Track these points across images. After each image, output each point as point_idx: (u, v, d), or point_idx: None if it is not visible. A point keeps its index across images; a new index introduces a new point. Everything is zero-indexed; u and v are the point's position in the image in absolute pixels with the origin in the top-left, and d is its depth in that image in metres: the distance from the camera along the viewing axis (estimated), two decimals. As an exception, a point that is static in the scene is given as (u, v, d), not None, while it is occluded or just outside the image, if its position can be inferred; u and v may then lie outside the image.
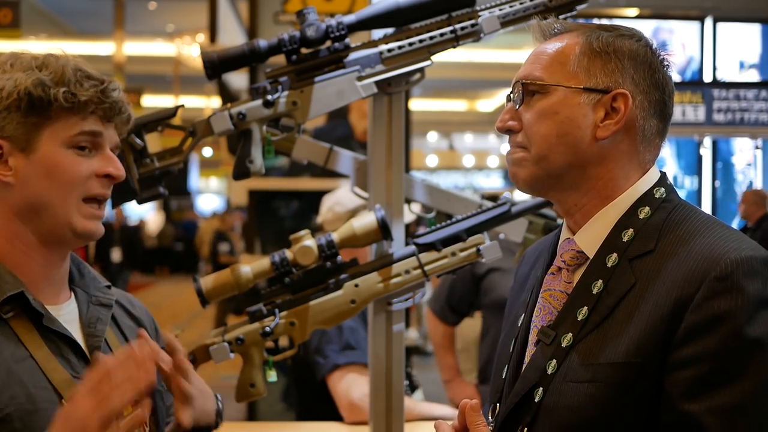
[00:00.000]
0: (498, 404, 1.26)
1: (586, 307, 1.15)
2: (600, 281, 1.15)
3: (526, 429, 1.15)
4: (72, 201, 1.20)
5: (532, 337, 1.23)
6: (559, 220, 1.91)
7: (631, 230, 1.17)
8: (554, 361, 1.15)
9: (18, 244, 1.20)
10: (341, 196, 2.58)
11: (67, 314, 1.26)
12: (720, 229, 1.13)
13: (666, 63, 1.22)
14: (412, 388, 2.56)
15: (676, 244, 1.12)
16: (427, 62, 1.77)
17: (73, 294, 1.29)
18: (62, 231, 1.21)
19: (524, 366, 1.23)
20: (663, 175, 1.23)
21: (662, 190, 1.20)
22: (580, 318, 1.15)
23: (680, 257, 1.10)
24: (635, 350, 1.08)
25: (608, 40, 1.20)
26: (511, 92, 1.25)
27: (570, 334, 1.15)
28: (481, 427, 1.12)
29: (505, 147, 1.27)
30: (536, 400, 1.15)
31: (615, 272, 1.15)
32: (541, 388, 1.15)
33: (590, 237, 1.20)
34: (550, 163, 1.19)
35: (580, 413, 1.10)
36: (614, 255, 1.16)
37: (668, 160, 7.89)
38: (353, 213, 2.47)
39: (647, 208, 1.18)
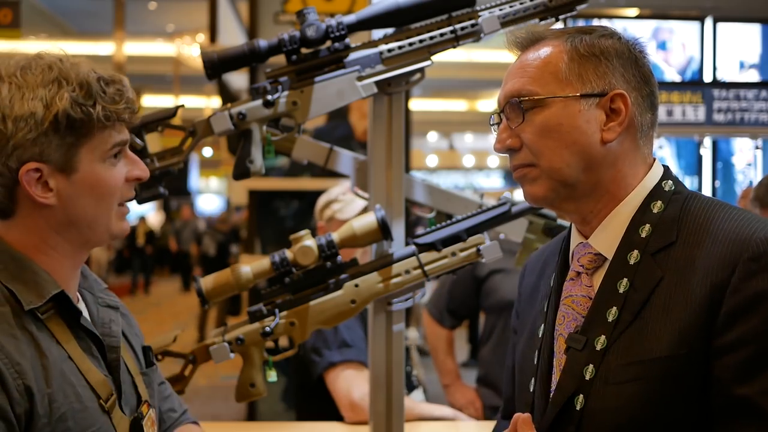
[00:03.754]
0: None
1: (615, 307, 1.14)
2: (625, 279, 1.14)
3: None
4: (112, 209, 1.22)
5: (559, 346, 1.21)
6: (560, 220, 1.91)
7: (648, 225, 1.17)
8: (591, 365, 1.13)
9: (53, 254, 1.20)
10: (335, 193, 2.58)
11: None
12: (738, 212, 1.13)
13: (645, 55, 1.23)
14: (410, 387, 2.56)
15: (698, 232, 1.12)
16: (427, 62, 1.77)
17: (79, 296, 1.30)
18: (101, 237, 1.24)
19: (555, 376, 1.20)
20: (666, 167, 1.24)
21: (670, 182, 1.21)
22: (610, 319, 1.13)
23: (706, 245, 1.10)
24: (679, 342, 1.07)
25: (592, 42, 1.19)
26: (501, 111, 1.23)
27: (603, 337, 1.13)
28: None
29: None
30: (578, 408, 1.13)
31: (639, 268, 1.14)
32: (581, 395, 1.13)
33: (606, 238, 1.20)
34: (565, 175, 1.18)
35: (628, 414, 1.09)
36: (635, 252, 1.15)
37: (668, 160, 7.88)
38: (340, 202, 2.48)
39: (659, 202, 1.18)
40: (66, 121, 1.14)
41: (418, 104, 18.63)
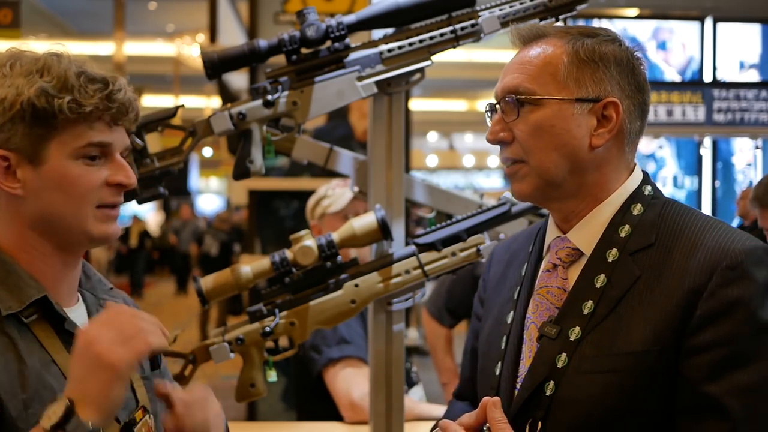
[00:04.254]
0: None
1: (591, 301, 1.17)
2: (602, 275, 1.18)
3: (539, 423, 1.16)
4: (86, 210, 1.18)
5: (530, 333, 1.25)
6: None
7: (627, 226, 1.20)
8: (564, 354, 1.16)
9: (34, 252, 1.19)
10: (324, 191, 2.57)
11: (77, 317, 1.25)
12: (716, 223, 1.18)
13: (642, 63, 1.25)
14: (410, 384, 2.56)
15: (676, 237, 1.17)
16: (427, 62, 1.77)
17: (80, 297, 1.29)
18: (78, 238, 1.20)
19: (524, 361, 1.24)
20: (645, 173, 1.28)
21: (649, 188, 1.25)
22: (586, 311, 1.17)
23: (684, 250, 1.14)
24: (653, 338, 1.11)
25: (593, 47, 1.21)
26: (497, 103, 1.25)
27: (578, 328, 1.17)
28: (501, 423, 1.13)
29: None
30: (548, 393, 1.16)
31: (617, 266, 1.18)
32: (552, 382, 1.16)
33: (585, 234, 1.23)
34: (552, 175, 1.21)
35: (598, 403, 1.12)
36: (614, 250, 1.19)
37: (668, 160, 7.88)
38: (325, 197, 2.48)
39: (639, 205, 1.22)
40: (31, 110, 1.12)
41: (418, 104, 18.63)
